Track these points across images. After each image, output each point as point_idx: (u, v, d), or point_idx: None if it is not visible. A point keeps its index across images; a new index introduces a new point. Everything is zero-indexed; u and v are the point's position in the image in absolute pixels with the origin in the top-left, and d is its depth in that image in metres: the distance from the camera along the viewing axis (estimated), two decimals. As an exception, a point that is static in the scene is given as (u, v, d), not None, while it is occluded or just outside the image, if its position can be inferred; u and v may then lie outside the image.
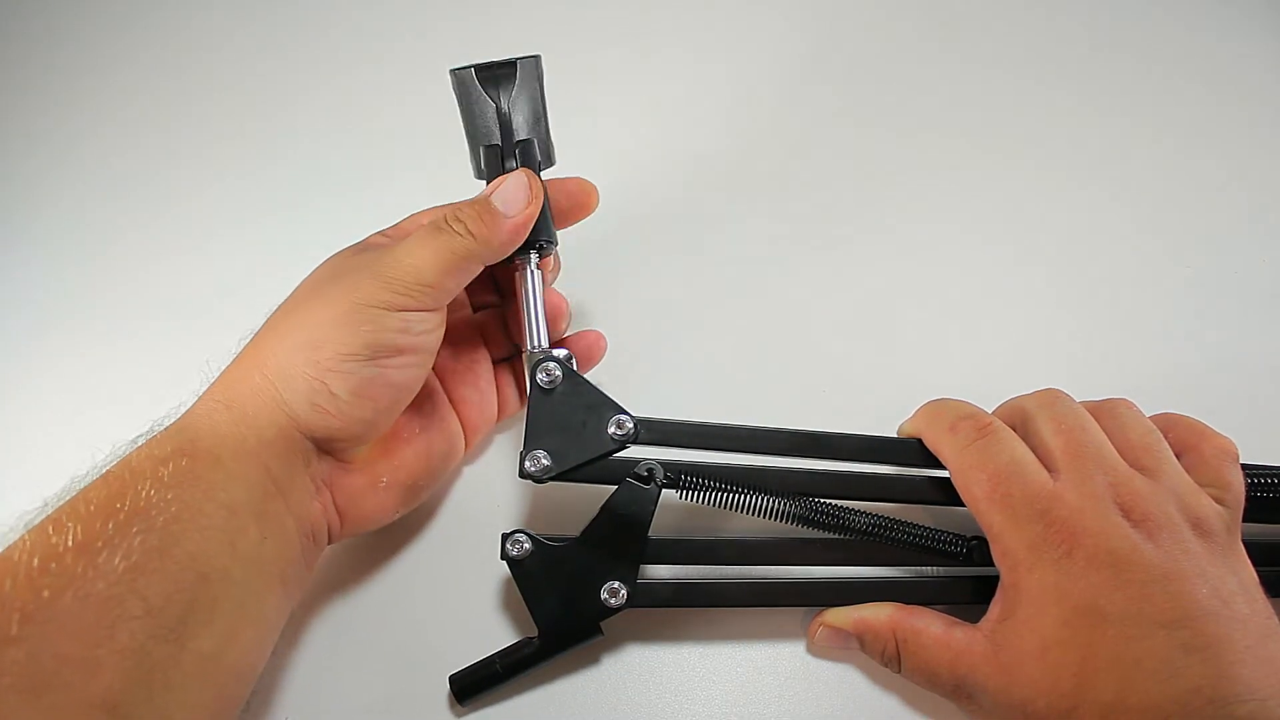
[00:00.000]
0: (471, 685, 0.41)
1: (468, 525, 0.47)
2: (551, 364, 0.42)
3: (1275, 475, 0.43)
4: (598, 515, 0.41)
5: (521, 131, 0.43)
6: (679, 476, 0.42)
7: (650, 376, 0.52)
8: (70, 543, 0.31)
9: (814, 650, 0.44)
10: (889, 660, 0.41)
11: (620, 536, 0.41)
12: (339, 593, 0.45)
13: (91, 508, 0.33)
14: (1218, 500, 0.39)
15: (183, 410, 0.38)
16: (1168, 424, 0.42)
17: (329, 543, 0.41)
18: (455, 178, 0.46)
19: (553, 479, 0.41)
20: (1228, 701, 0.33)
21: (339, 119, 0.63)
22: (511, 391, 0.48)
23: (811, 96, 0.63)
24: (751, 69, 0.65)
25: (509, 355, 0.49)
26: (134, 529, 0.32)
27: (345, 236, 0.44)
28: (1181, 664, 0.34)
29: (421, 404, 0.43)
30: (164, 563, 0.32)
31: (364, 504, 0.41)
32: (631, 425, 0.42)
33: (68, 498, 0.34)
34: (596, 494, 0.42)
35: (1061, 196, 0.59)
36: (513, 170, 0.42)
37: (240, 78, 0.66)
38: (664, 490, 0.42)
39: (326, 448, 0.39)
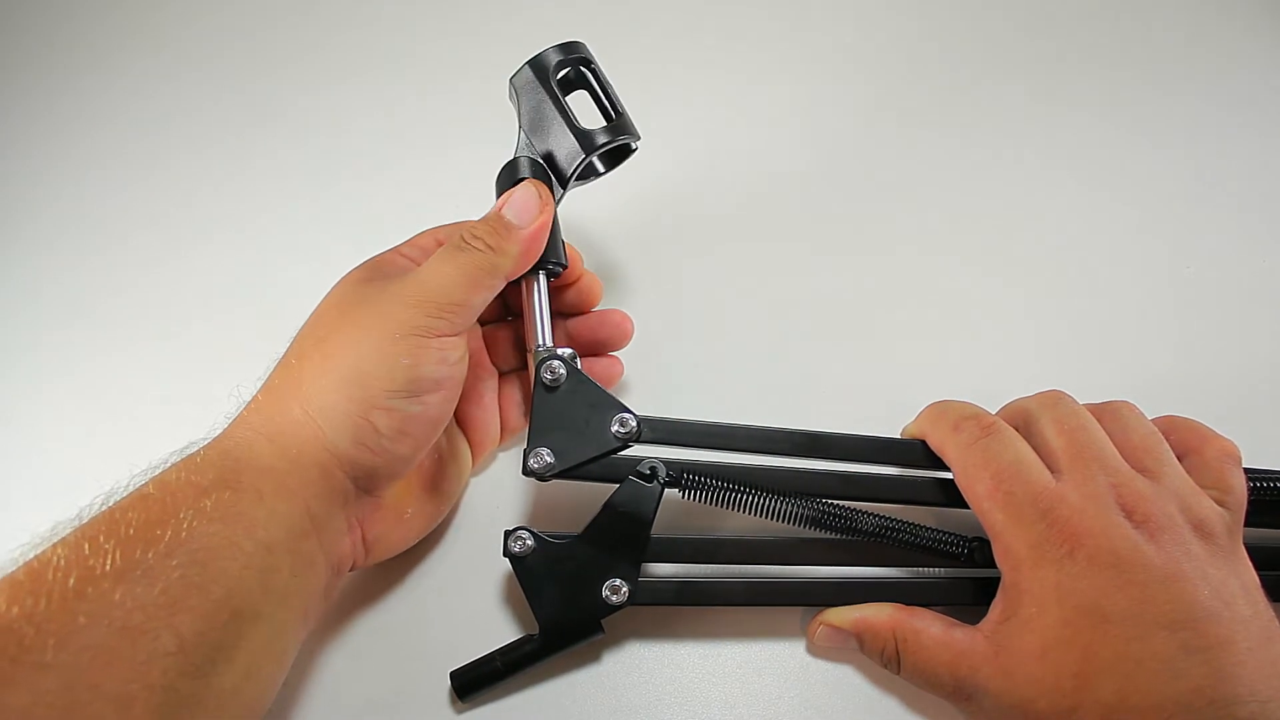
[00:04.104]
0: (472, 681, 0.41)
1: (470, 522, 0.47)
2: (556, 362, 0.42)
3: (1277, 479, 0.43)
4: (600, 513, 0.41)
5: (529, 147, 0.44)
6: (681, 475, 0.42)
7: (654, 376, 0.52)
8: (108, 567, 0.31)
9: (813, 649, 0.44)
10: (888, 661, 0.41)
11: (622, 534, 0.41)
12: (341, 590, 0.44)
13: (131, 531, 0.32)
14: (1219, 502, 0.39)
15: (217, 432, 0.38)
16: (1170, 426, 0.42)
17: (351, 571, 0.41)
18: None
19: (556, 476, 0.41)
20: (1229, 703, 0.33)
21: (357, 117, 0.63)
22: (514, 411, 0.48)
23: (812, 101, 0.64)
24: (758, 77, 0.65)
25: (514, 368, 0.49)
26: (174, 561, 0.32)
27: (361, 237, 0.44)
28: (1183, 665, 0.34)
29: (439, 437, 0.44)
30: (200, 599, 0.32)
31: (390, 537, 0.42)
32: (634, 423, 0.41)
33: (103, 510, 0.33)
34: (599, 492, 0.42)
35: (1062, 197, 0.59)
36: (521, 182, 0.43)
37: (254, 76, 0.66)
38: (666, 489, 0.42)
39: (365, 485, 0.39)
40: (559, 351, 0.42)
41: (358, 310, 0.39)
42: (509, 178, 0.44)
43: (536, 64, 0.43)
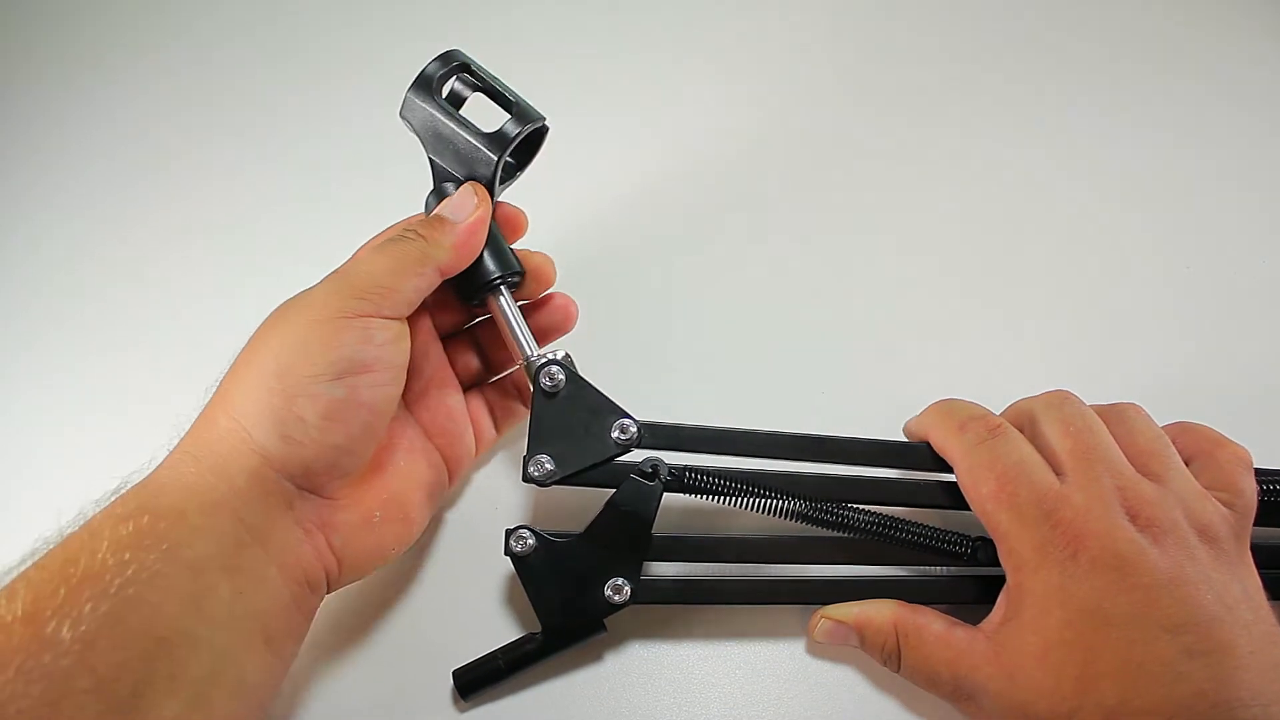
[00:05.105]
0: (475, 681, 0.41)
1: (472, 521, 0.47)
2: (554, 367, 0.41)
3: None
4: (602, 512, 0.41)
5: (445, 171, 0.43)
6: (684, 473, 0.42)
7: (654, 380, 0.51)
8: (20, 612, 0.30)
9: (813, 644, 0.44)
10: (888, 657, 0.41)
11: (624, 533, 0.41)
12: (343, 588, 0.44)
13: (45, 573, 0.31)
14: (1227, 504, 0.39)
15: (154, 465, 0.36)
16: (1181, 430, 0.42)
17: (331, 589, 0.39)
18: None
19: (556, 483, 0.41)
20: (1231, 706, 0.33)
21: (350, 120, 0.62)
22: (485, 423, 0.47)
23: (806, 99, 0.63)
24: (746, 75, 0.65)
25: (480, 379, 0.48)
26: (85, 594, 0.30)
27: (352, 238, 0.43)
28: (1185, 668, 0.34)
29: (398, 436, 0.42)
30: (116, 631, 0.30)
31: (361, 542, 0.39)
32: (635, 429, 0.41)
33: (31, 562, 0.32)
34: (600, 491, 0.42)
35: (1062, 197, 0.59)
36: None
37: (243, 79, 0.65)
38: (671, 494, 0.42)
39: (306, 484, 0.37)
40: (556, 356, 0.42)
41: (283, 313, 0.38)
42: (437, 203, 0.43)
43: (418, 87, 0.42)
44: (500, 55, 0.64)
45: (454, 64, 0.42)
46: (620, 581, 0.41)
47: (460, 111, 0.43)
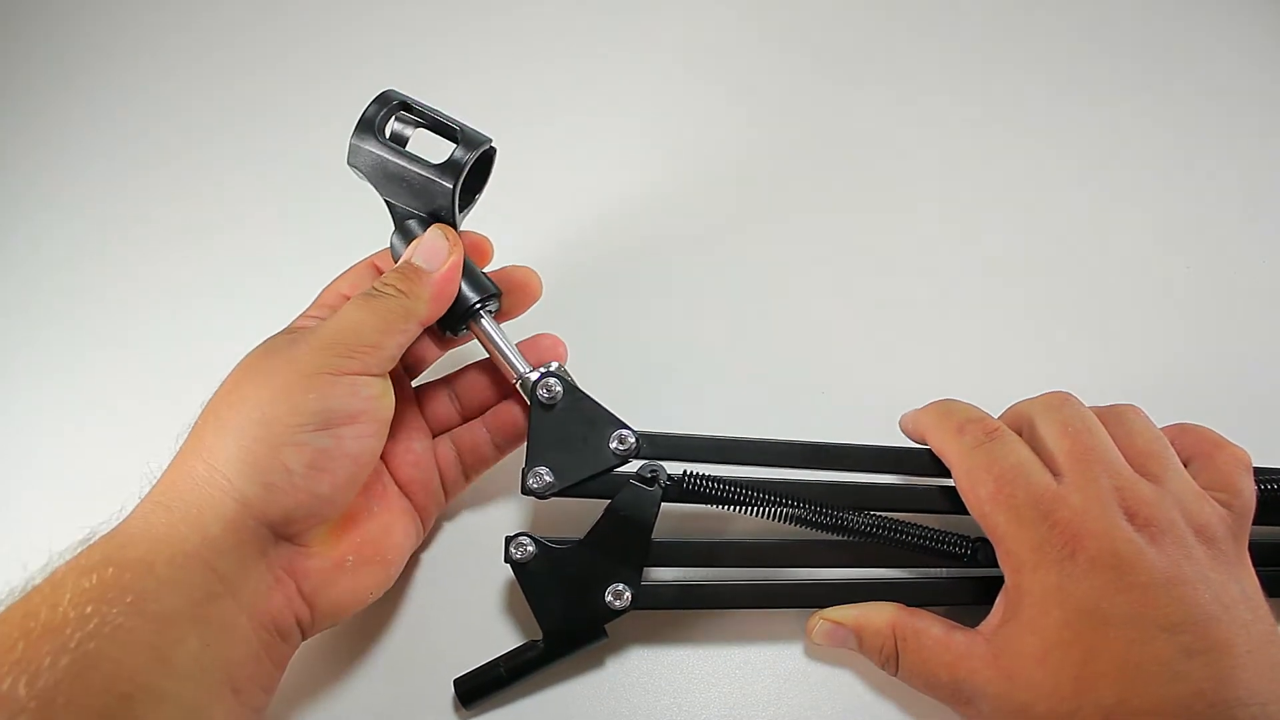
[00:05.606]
0: (476, 689, 0.41)
1: (471, 528, 0.47)
2: (552, 379, 0.42)
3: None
4: (601, 518, 0.41)
5: (405, 211, 0.43)
6: (683, 477, 0.42)
7: (654, 379, 0.52)
8: None
9: (811, 646, 0.44)
10: (886, 660, 0.41)
11: (624, 538, 0.41)
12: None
13: (4, 626, 0.30)
14: (1225, 505, 0.39)
15: (124, 515, 0.36)
16: (1180, 432, 0.42)
17: (305, 636, 0.38)
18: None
19: (555, 495, 0.41)
20: (1230, 706, 0.33)
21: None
22: (454, 468, 0.46)
23: (801, 97, 0.63)
24: (744, 76, 0.65)
25: (450, 427, 0.47)
26: (45, 649, 0.29)
27: (282, 319, 0.43)
28: (1183, 668, 0.34)
29: (370, 480, 0.42)
30: (76, 687, 0.29)
31: (335, 588, 0.39)
32: (634, 440, 0.41)
33: None
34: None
35: (1061, 198, 0.59)
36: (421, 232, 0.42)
37: (245, 73, 0.65)
38: (669, 498, 0.42)
39: (283, 531, 0.37)
40: (552, 368, 0.42)
41: (265, 363, 0.38)
42: (403, 243, 0.43)
43: (360, 132, 0.42)
44: (500, 55, 0.65)
45: (392, 103, 0.42)
46: (621, 587, 0.41)
47: (405, 148, 0.42)
